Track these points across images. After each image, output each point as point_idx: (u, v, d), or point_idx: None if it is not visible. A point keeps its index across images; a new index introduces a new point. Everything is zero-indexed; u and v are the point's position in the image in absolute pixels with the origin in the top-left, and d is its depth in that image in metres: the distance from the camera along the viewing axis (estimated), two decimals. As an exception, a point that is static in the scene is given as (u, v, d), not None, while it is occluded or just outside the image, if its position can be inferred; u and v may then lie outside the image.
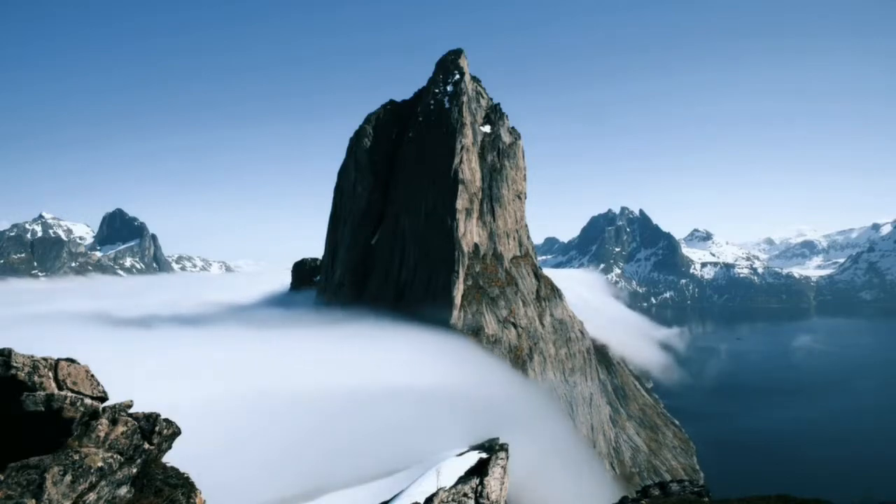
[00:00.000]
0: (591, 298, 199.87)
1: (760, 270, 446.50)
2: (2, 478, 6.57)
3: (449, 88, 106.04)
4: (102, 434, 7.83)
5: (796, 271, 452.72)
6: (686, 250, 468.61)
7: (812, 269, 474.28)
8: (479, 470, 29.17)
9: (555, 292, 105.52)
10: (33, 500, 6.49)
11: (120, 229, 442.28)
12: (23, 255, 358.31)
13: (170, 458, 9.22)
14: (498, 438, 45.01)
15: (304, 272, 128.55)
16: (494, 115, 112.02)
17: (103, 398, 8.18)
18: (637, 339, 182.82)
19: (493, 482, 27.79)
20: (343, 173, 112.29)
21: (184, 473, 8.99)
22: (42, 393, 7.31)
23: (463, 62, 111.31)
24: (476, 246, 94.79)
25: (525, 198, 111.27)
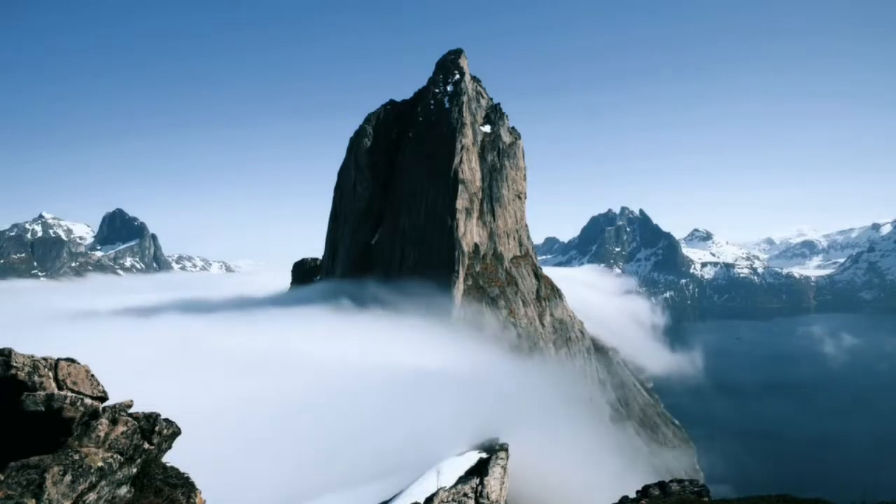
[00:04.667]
0: (592, 298, 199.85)
1: (760, 270, 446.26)
2: (2, 478, 6.57)
3: (449, 88, 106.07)
4: (102, 434, 7.83)
5: (796, 271, 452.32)
6: (686, 250, 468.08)
7: (812, 269, 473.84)
8: (479, 470, 29.18)
9: (555, 292, 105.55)
10: (33, 500, 6.48)
11: (120, 229, 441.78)
12: (23, 255, 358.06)
13: (170, 458, 9.22)
14: (498, 438, 44.99)
15: (304, 272, 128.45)
16: (494, 114, 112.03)
17: (103, 398, 8.18)
18: (637, 339, 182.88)
19: (493, 482, 27.78)
20: (343, 173, 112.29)
21: (184, 473, 8.99)
22: (42, 393, 7.30)
23: (463, 62, 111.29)
24: (476, 246, 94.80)
25: (525, 198, 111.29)
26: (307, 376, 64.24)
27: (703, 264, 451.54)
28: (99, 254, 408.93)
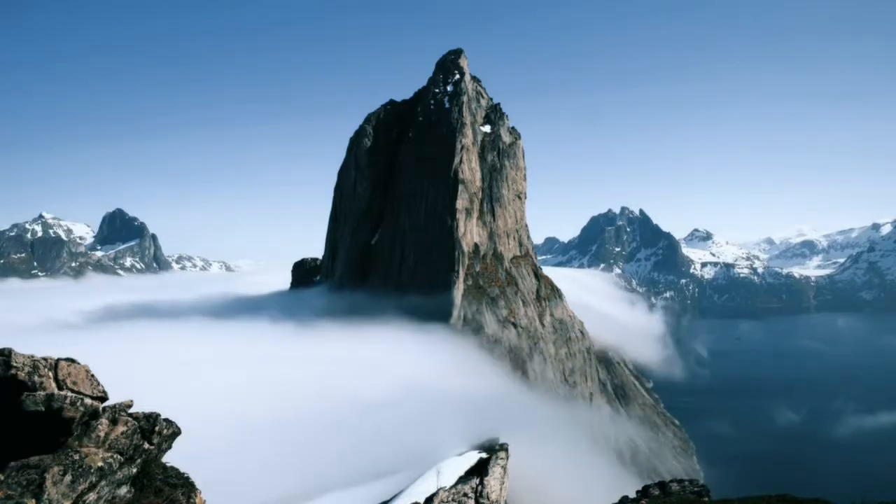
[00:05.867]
0: (591, 298, 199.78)
1: (760, 270, 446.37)
2: (2, 478, 6.57)
3: (449, 88, 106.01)
4: (102, 434, 7.82)
5: (796, 271, 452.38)
6: (686, 250, 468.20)
7: (812, 269, 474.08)
8: (479, 470, 29.18)
9: (555, 292, 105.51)
10: (33, 500, 6.48)
11: (120, 229, 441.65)
12: (23, 255, 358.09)
13: (170, 458, 9.21)
14: (498, 438, 45.00)
15: (304, 272, 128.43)
16: (494, 114, 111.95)
17: (103, 398, 8.17)
18: (637, 339, 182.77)
19: (493, 482, 27.79)
20: (343, 173, 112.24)
21: (184, 473, 8.98)
22: (42, 393, 7.30)
23: (463, 62, 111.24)
24: (476, 246, 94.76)
25: (525, 198, 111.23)
26: (307, 378, 64.24)
27: (703, 264, 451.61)
28: (99, 254, 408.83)
